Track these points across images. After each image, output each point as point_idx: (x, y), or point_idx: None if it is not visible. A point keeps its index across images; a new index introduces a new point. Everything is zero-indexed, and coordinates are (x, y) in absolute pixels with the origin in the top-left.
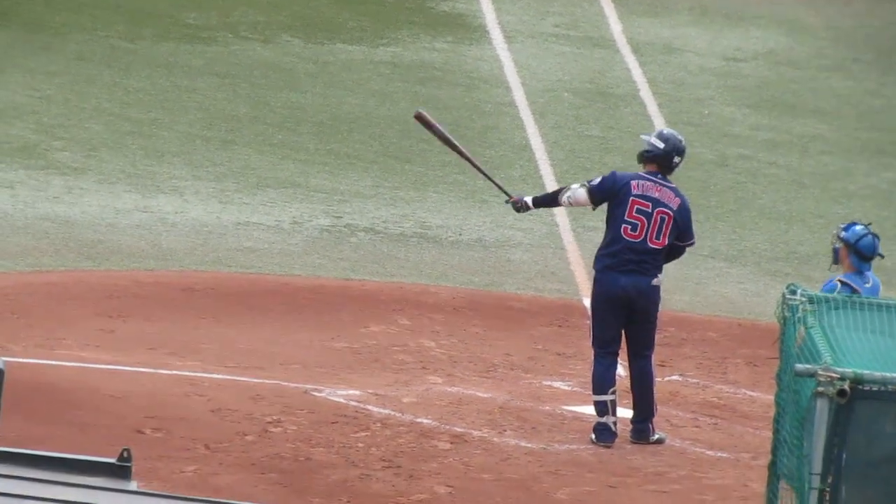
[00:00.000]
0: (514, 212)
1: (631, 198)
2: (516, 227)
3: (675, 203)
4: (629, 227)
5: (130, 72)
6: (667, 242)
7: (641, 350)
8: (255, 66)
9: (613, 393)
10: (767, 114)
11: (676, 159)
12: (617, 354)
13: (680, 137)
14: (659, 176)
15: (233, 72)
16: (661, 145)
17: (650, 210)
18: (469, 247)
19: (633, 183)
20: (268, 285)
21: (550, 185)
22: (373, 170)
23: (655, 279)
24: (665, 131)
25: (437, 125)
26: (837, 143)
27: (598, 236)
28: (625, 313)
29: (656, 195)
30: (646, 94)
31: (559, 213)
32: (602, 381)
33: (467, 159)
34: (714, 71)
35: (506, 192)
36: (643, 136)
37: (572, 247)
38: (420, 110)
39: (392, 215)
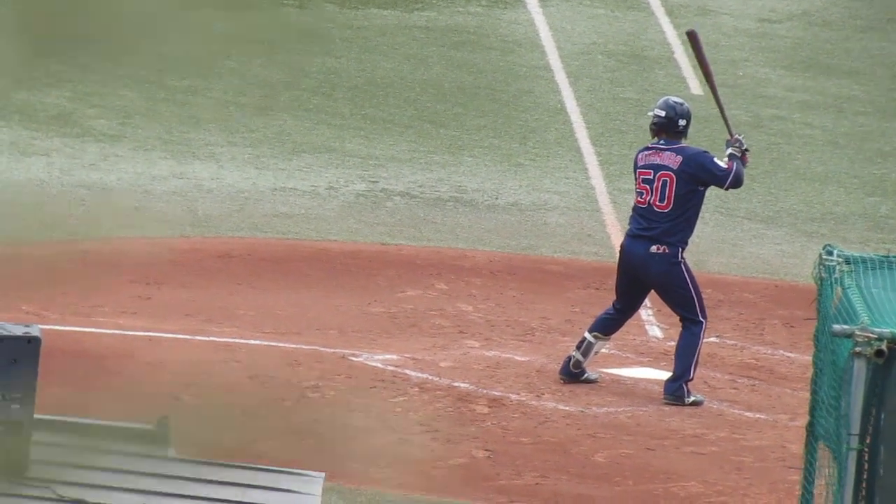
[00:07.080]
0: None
1: (637, 170)
2: (552, 190)
3: (675, 163)
4: (638, 195)
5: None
6: (672, 204)
7: (679, 315)
8: (290, 32)
9: (596, 337)
10: (802, 75)
11: (681, 122)
12: (619, 311)
13: (680, 101)
14: (663, 142)
15: (268, 38)
16: (663, 113)
17: (652, 176)
18: (505, 210)
19: (639, 156)
20: (304, 251)
21: (586, 149)
22: (408, 134)
23: (655, 247)
24: (666, 100)
25: (704, 52)
26: (872, 104)
27: (633, 199)
28: (631, 277)
29: (657, 161)
30: (680, 56)
31: (595, 175)
32: (594, 320)
33: (714, 91)
34: (748, 32)
35: (729, 132)
36: (649, 113)
37: (608, 209)
38: (693, 30)
39: (428, 179)
